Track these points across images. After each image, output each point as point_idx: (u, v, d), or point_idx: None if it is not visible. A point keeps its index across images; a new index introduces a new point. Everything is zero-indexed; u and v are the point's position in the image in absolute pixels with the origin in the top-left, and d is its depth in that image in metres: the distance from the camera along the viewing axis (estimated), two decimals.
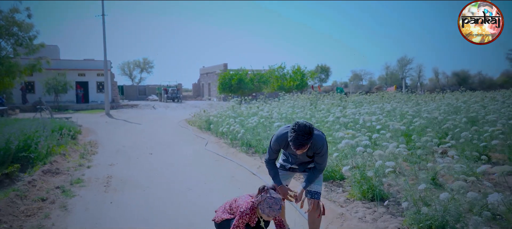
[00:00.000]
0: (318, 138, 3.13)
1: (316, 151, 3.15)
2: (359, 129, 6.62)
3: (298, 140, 2.88)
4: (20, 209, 4.75)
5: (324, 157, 3.21)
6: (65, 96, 31.10)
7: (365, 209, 4.24)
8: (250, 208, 2.99)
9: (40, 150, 7.67)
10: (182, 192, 5.64)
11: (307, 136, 2.89)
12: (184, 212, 4.70)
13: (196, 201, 5.16)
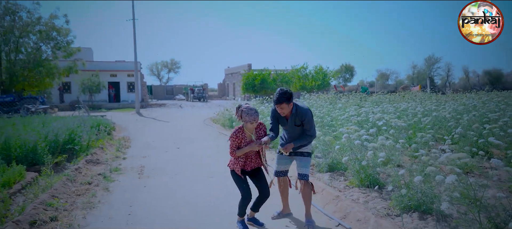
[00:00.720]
0: (302, 109, 4.03)
1: (302, 118, 4.00)
2: (363, 126, 7.23)
3: (277, 96, 3.91)
4: (72, 189, 5.73)
5: (310, 123, 4.02)
6: (99, 95, 32.96)
7: (360, 194, 4.90)
8: (235, 131, 3.89)
9: (83, 143, 8.77)
10: (204, 179, 6.48)
11: (284, 95, 3.89)
12: (205, 195, 5.51)
13: (215, 186, 5.97)
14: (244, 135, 3.93)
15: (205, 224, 4.33)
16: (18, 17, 22.45)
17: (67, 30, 24.39)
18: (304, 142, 4.08)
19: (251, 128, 3.89)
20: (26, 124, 9.64)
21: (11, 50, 22.26)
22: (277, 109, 3.97)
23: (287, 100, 3.91)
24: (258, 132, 4.03)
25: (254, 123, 3.84)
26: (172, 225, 4.30)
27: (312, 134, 4.09)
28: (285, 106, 3.93)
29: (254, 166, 4.08)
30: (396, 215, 4.07)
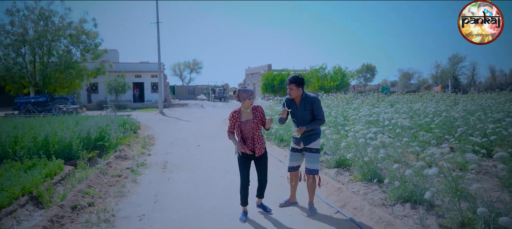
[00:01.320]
0: (312, 95, 4.59)
1: (312, 103, 4.51)
2: (373, 125, 7.65)
3: (290, 78, 4.56)
4: (104, 181, 6.45)
5: (319, 108, 4.52)
6: (124, 96, 34.31)
7: (362, 187, 5.37)
8: (232, 112, 4.49)
9: (112, 140, 9.55)
10: (221, 174, 7.09)
11: (296, 77, 4.54)
12: (222, 187, 6.11)
13: (230, 179, 6.56)
14: (240, 115, 4.48)
15: (220, 211, 4.92)
16: (51, 22, 23.79)
17: (95, 33, 25.61)
18: (315, 125, 4.53)
19: (248, 105, 4.43)
20: (61, 123, 10.54)
21: (44, 53, 23.64)
22: (287, 88, 4.55)
23: (297, 83, 4.48)
24: (255, 114, 4.50)
25: (252, 98, 4.41)
26: (192, 211, 4.91)
27: (321, 118, 4.55)
28: (294, 87, 4.50)
29: (260, 151, 4.47)
30: (391, 205, 4.53)
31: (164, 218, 4.66)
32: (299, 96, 4.57)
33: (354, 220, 4.27)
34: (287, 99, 4.70)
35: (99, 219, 4.59)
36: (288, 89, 4.57)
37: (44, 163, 6.97)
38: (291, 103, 4.66)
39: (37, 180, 5.74)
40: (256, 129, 4.46)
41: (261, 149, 4.48)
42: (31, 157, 7.37)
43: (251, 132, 4.45)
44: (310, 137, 4.61)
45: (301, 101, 4.57)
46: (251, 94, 4.43)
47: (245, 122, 4.46)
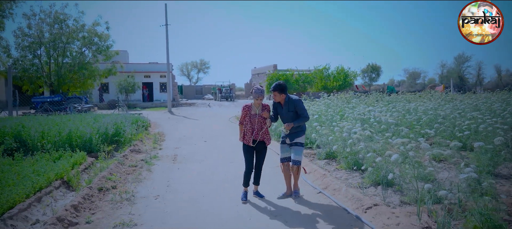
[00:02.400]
0: (294, 98, 5.28)
1: (295, 105, 5.23)
2: (360, 122, 8.49)
3: (273, 86, 5.24)
4: (122, 170, 7.39)
5: (302, 108, 5.21)
6: (133, 95, 35.45)
7: (344, 174, 6.23)
8: (245, 105, 5.36)
9: (126, 136, 10.52)
10: (226, 164, 7.99)
11: (277, 85, 5.24)
12: (226, 175, 7.01)
13: (233, 169, 7.45)
14: (251, 109, 5.31)
15: (224, 193, 5.81)
16: (65, 25, 24.94)
17: (107, 35, 26.70)
18: (301, 122, 5.20)
19: (257, 104, 5.24)
20: (80, 120, 11.54)
21: (59, 55, 24.80)
22: (272, 94, 5.33)
23: (279, 90, 5.24)
24: (263, 110, 5.30)
25: (259, 99, 5.20)
26: (200, 193, 5.81)
27: (305, 116, 5.22)
28: (277, 94, 5.27)
29: (262, 138, 5.26)
30: (365, 187, 5.39)
31: (176, 198, 5.58)
32: (283, 99, 5.30)
33: (330, 197, 5.16)
34: (274, 102, 5.44)
35: (122, 198, 5.52)
36: (272, 95, 5.32)
37: (69, 154, 7.94)
38: (278, 105, 5.42)
39: (66, 168, 6.70)
40: (263, 123, 5.28)
41: (268, 140, 5.32)
42: (57, 149, 8.35)
43: (258, 124, 5.26)
44: (297, 134, 5.28)
45: (285, 103, 5.29)
46: (259, 96, 5.20)
47: (254, 115, 5.28)
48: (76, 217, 4.69)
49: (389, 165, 5.05)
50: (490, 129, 6.68)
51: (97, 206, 5.20)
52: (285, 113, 5.29)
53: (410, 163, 4.72)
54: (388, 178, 4.65)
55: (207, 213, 4.84)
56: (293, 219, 4.55)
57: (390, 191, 5.11)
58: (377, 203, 4.52)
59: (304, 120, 5.22)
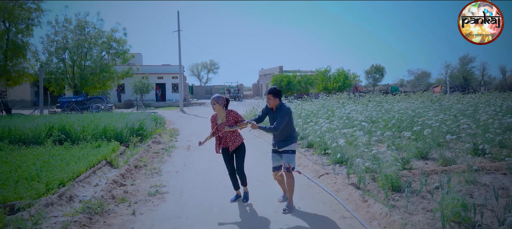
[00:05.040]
0: (285, 107, 4.99)
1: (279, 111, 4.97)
2: (332, 118, 10.51)
3: (269, 89, 5.07)
4: (148, 155, 9.56)
5: (281, 117, 4.88)
6: (147, 95, 37.87)
7: (316, 157, 8.27)
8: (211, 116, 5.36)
9: (148, 130, 12.71)
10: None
11: (273, 89, 5.02)
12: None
13: None
14: (217, 119, 5.21)
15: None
16: (87, 32, 27.41)
17: (124, 40, 29.10)
18: (268, 130, 4.94)
19: (218, 112, 5.12)
20: (108, 117, 13.78)
21: (81, 59, 27.26)
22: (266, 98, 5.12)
23: (274, 94, 4.98)
24: (228, 118, 5.15)
25: (215, 105, 5.12)
26: (207, 169, 7.92)
27: (276, 125, 4.89)
28: (271, 97, 4.99)
29: (233, 146, 5.21)
30: (328, 165, 7.43)
31: (191, 172, 7.71)
32: (275, 105, 5.04)
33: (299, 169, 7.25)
34: (266, 107, 5.26)
35: (152, 172, 7.68)
36: (266, 98, 5.10)
37: (106, 144, 10.15)
38: (269, 110, 5.17)
39: (108, 152, 8.89)
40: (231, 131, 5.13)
41: (233, 146, 5.22)
42: (96, 140, 10.57)
43: (226, 132, 5.19)
44: (286, 142, 5.06)
45: (276, 110, 5.03)
46: (214, 103, 5.14)
47: (221, 124, 5.17)
48: (124, 181, 6.86)
49: (338, 148, 7.09)
50: (435, 125, 8.62)
51: (136, 176, 7.36)
52: (274, 120, 5.05)
53: (350, 145, 6.76)
54: (337, 157, 6.70)
55: (214, 181, 6.94)
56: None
57: (342, 167, 7.13)
58: (328, 172, 6.59)
59: (271, 129, 4.92)
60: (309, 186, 6.32)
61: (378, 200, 4.94)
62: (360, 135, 6.73)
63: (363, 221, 4.49)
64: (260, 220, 4.84)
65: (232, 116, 5.27)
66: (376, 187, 5.65)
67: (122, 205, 5.52)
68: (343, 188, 5.71)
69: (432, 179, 5.95)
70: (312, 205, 5.32)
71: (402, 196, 5.14)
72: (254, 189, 6.00)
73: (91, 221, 4.74)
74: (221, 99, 5.21)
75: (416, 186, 5.51)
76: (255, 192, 5.88)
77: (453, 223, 4.12)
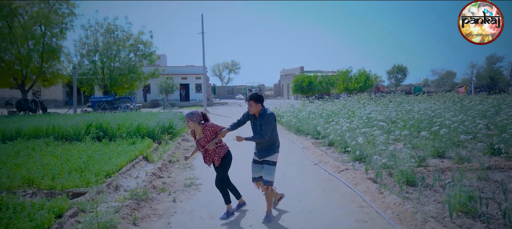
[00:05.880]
0: (268, 112, 4.74)
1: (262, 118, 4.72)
2: (353, 118, 10.96)
3: (249, 95, 4.80)
4: (180, 151, 10.31)
5: (266, 125, 4.68)
6: (172, 95, 39.06)
7: (337, 154, 8.77)
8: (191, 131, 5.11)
9: (177, 129, 13.51)
10: (250, 149, 10.73)
11: (254, 95, 4.75)
12: (249, 156, 9.73)
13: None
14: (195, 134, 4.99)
15: (248, 160, 8.55)
16: (116, 35, 28.73)
17: (150, 42, 30.32)
18: (255, 139, 4.77)
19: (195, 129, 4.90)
20: (139, 116, 14.68)
21: (110, 60, 28.60)
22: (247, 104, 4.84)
23: (255, 100, 4.73)
24: (205, 132, 4.90)
25: (189, 122, 4.89)
26: (235, 164, 8.56)
27: (262, 134, 4.67)
28: (253, 103, 4.73)
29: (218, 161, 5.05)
30: (348, 162, 7.94)
31: None
32: (258, 111, 4.79)
33: (319, 164, 7.79)
34: (247, 112, 4.95)
35: (185, 167, 8.39)
36: (247, 105, 4.83)
37: (140, 141, 10.97)
38: (252, 116, 4.92)
39: (144, 148, 9.69)
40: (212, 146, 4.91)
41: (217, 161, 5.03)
42: (131, 137, 11.41)
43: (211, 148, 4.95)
44: (268, 151, 4.84)
45: (259, 116, 4.78)
46: (187, 120, 4.91)
47: (200, 139, 4.97)
48: (161, 174, 7.60)
49: (357, 146, 7.58)
50: (453, 125, 8.96)
51: (171, 170, 8.10)
52: (258, 127, 4.83)
53: (369, 143, 7.26)
54: (357, 154, 7.22)
55: (240, 170, 7.58)
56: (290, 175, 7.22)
57: (361, 164, 7.61)
58: (348, 168, 7.11)
59: (259, 138, 4.76)
60: (330, 180, 6.87)
61: (393, 193, 5.44)
62: (378, 134, 7.21)
63: (378, 209, 5.01)
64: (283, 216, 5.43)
65: (208, 130, 4.96)
66: (392, 181, 6.13)
67: (163, 194, 6.23)
68: (361, 182, 6.23)
69: (446, 175, 6.38)
70: (332, 196, 5.88)
71: (416, 189, 5.61)
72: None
73: (139, 206, 5.46)
74: (196, 116, 4.94)
75: (430, 182, 5.96)
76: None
77: (460, 212, 4.59)
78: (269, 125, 4.72)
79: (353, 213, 5.07)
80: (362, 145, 7.55)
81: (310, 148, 10.01)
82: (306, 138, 11.94)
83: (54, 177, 6.53)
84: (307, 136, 12.38)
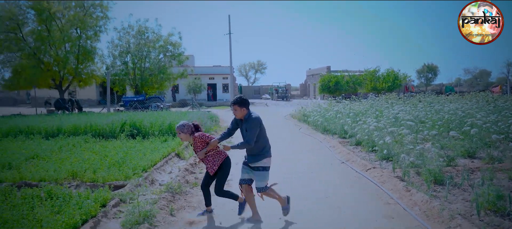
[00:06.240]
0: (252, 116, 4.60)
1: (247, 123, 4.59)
2: (380, 118, 10.94)
3: (233, 99, 4.68)
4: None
5: (249, 130, 4.53)
6: (200, 95, 39.85)
7: (365, 153, 8.85)
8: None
9: (206, 127, 13.92)
10: (280, 146, 10.95)
11: (237, 99, 4.63)
12: (280, 150, 9.96)
13: (284, 147, 10.36)
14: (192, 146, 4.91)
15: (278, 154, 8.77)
16: (146, 37, 29.70)
17: (179, 43, 31.13)
18: (241, 147, 4.59)
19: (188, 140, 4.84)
20: (169, 115, 15.22)
21: (141, 61, 29.59)
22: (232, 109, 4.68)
23: (239, 104, 4.58)
24: (195, 145, 4.82)
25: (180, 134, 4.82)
26: None
27: (247, 140, 4.52)
28: (237, 108, 4.60)
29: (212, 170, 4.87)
30: (375, 160, 8.01)
31: None
32: (243, 115, 4.65)
33: (347, 163, 7.90)
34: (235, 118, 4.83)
35: None
36: (233, 110, 4.67)
37: (171, 138, 11.42)
38: (239, 121, 4.80)
39: (174, 146, 10.11)
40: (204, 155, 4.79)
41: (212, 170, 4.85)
42: (163, 135, 11.89)
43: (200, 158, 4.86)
44: (258, 157, 4.68)
45: (244, 120, 4.65)
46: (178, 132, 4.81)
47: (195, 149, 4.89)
48: (193, 170, 7.96)
49: (384, 145, 7.64)
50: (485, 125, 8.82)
51: (202, 167, 8.44)
52: (244, 132, 4.72)
53: (396, 143, 7.31)
54: (384, 153, 7.29)
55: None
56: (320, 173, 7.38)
57: (388, 163, 7.66)
58: (375, 167, 7.20)
59: (245, 145, 4.63)
60: (357, 178, 6.99)
61: (421, 191, 5.52)
62: (406, 133, 7.25)
63: (405, 206, 5.12)
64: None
65: (198, 141, 4.82)
66: (420, 180, 6.18)
67: (196, 188, 6.57)
68: (388, 180, 6.32)
69: (476, 175, 6.35)
70: (359, 194, 6.01)
71: (444, 188, 5.65)
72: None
73: (174, 199, 5.81)
74: (187, 127, 4.83)
75: (459, 181, 5.97)
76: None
77: (488, 211, 4.63)
78: (254, 130, 4.55)
79: (380, 210, 5.20)
80: (389, 144, 7.61)
81: (337, 147, 10.11)
82: (333, 137, 12.03)
83: (95, 171, 7.02)
84: (334, 135, 12.46)
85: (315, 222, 4.92)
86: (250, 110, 4.70)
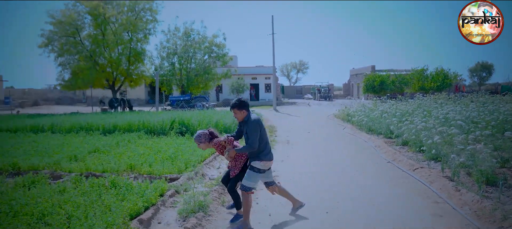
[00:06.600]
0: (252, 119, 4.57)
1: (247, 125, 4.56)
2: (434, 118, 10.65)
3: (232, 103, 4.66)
4: None
5: (250, 133, 4.49)
6: (243, 95, 40.51)
7: (411, 154, 8.72)
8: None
9: None
10: (323, 148, 11.02)
11: (235, 102, 4.61)
12: (321, 154, 10.05)
13: (329, 148, 10.42)
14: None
15: (320, 158, 8.88)
16: (192, 38, 30.78)
17: (223, 44, 31.92)
18: (244, 150, 4.56)
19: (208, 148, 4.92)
20: (215, 114, 15.75)
21: (187, 62, 30.71)
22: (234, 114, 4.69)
23: (238, 107, 4.58)
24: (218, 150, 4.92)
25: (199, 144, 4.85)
26: (305, 159, 8.98)
27: (249, 143, 4.47)
28: (236, 111, 4.61)
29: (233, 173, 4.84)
30: (422, 160, 7.89)
31: (293, 160, 8.86)
32: (243, 117, 4.66)
33: (393, 162, 7.84)
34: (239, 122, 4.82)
35: None
36: (233, 114, 4.70)
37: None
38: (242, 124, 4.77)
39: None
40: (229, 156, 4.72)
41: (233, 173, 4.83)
42: None
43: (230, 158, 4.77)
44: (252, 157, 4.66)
45: (244, 123, 4.65)
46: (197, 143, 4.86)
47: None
48: None
49: (433, 145, 7.50)
50: None
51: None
52: (245, 134, 4.68)
53: (446, 143, 7.16)
54: (432, 153, 7.18)
55: (314, 167, 7.98)
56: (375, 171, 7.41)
57: (437, 163, 7.53)
58: (423, 167, 7.11)
59: (247, 149, 4.55)
60: (404, 177, 6.96)
61: (471, 191, 5.43)
62: (456, 133, 7.09)
63: (454, 205, 5.08)
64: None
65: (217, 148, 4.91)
66: (470, 180, 6.06)
67: None
68: (437, 180, 6.25)
69: None
70: (406, 192, 6.01)
71: (496, 189, 5.51)
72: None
73: (224, 191, 6.15)
74: (203, 136, 4.88)
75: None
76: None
77: None
78: (255, 133, 4.50)
79: (428, 208, 5.19)
80: (438, 144, 7.46)
81: (383, 147, 10.02)
82: (378, 137, 11.89)
83: (151, 164, 7.56)
84: (379, 135, 12.31)
85: (364, 217, 5.02)
86: (250, 112, 4.71)
